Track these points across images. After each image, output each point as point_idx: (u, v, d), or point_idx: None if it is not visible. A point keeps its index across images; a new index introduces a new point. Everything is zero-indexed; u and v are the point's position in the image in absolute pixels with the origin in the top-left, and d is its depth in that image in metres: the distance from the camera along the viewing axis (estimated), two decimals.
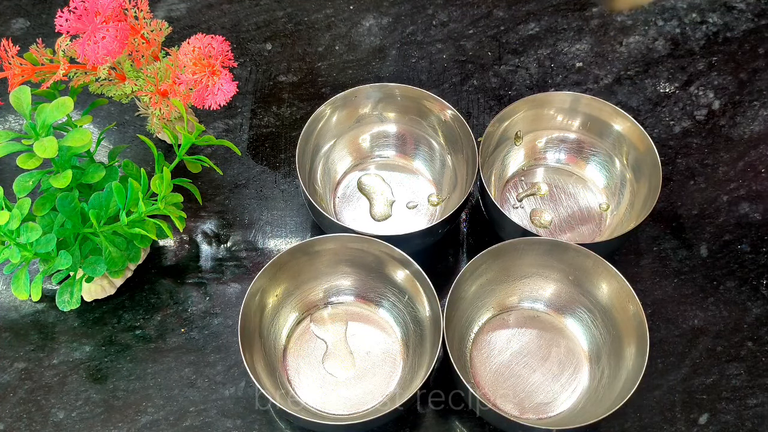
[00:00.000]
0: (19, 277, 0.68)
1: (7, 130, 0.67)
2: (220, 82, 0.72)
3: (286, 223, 0.84)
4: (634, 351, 0.69)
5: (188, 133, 0.75)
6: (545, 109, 0.84)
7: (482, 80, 0.94)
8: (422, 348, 0.72)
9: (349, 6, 1.00)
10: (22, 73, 0.73)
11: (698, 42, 0.97)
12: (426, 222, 0.83)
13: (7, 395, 0.73)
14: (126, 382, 0.74)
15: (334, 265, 0.76)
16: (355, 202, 0.84)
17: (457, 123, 0.80)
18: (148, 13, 0.76)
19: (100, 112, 0.90)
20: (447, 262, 0.82)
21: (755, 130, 0.90)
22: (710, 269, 0.81)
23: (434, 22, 0.98)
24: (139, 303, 0.78)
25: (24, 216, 0.66)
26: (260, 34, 0.97)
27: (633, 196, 0.81)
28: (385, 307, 0.76)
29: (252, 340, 0.70)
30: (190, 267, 0.81)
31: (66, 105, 0.67)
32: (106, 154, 0.80)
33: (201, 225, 0.83)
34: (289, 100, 0.92)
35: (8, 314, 0.78)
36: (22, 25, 0.97)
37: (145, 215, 0.69)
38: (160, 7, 0.99)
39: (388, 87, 0.83)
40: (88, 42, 0.71)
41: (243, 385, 0.74)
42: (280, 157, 0.88)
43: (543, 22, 0.98)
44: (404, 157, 0.87)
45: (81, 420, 0.72)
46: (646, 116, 0.91)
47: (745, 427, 0.73)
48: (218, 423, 0.72)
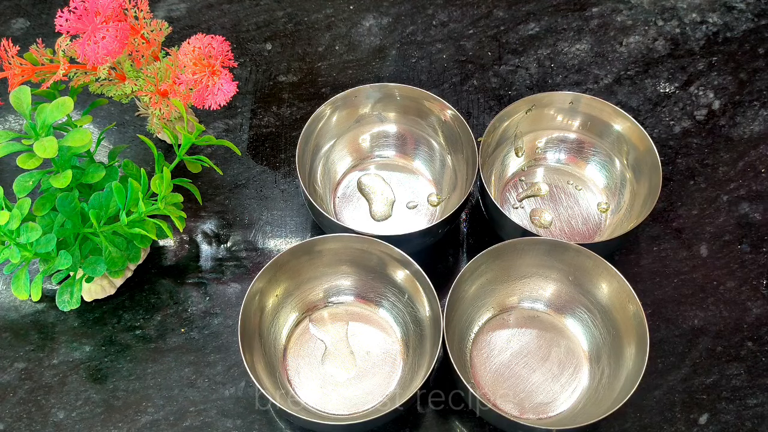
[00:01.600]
0: (19, 277, 0.68)
1: (7, 130, 0.67)
2: (220, 82, 0.72)
3: (286, 223, 0.84)
4: (634, 351, 0.69)
5: (188, 133, 0.75)
6: (545, 109, 0.84)
7: (482, 80, 0.94)
8: (422, 348, 0.72)
9: (349, 6, 1.00)
10: (22, 73, 0.73)
11: (698, 42, 0.97)
12: (426, 222, 0.83)
13: (7, 395, 0.73)
14: (126, 382, 0.74)
15: (334, 265, 0.76)
16: (355, 202, 0.84)
17: (457, 123, 0.80)
18: (148, 13, 0.76)
19: (100, 112, 0.90)
20: (447, 262, 0.82)
21: (755, 130, 0.90)
22: (710, 269, 0.81)
23: (434, 22, 0.98)
24: (139, 303, 0.78)
25: (24, 216, 0.66)
26: (260, 34, 0.97)
27: (633, 196, 0.81)
28: (385, 307, 0.76)
29: (252, 340, 0.70)
30: (190, 267, 0.81)
31: (66, 105, 0.67)
32: (106, 154, 0.80)
33: (201, 225, 0.83)
34: (289, 100, 0.92)
35: (8, 314, 0.78)
36: (22, 25, 0.97)
37: (145, 215, 0.69)
38: (160, 7, 0.99)
39: (388, 87, 0.83)
40: (88, 42, 0.71)
41: (243, 385, 0.74)
42: (280, 157, 0.88)
43: (543, 22, 0.98)
44: (404, 157, 0.87)
45: (81, 420, 0.72)
46: (646, 116, 0.91)
47: (745, 427, 0.73)
48: (218, 423, 0.72)
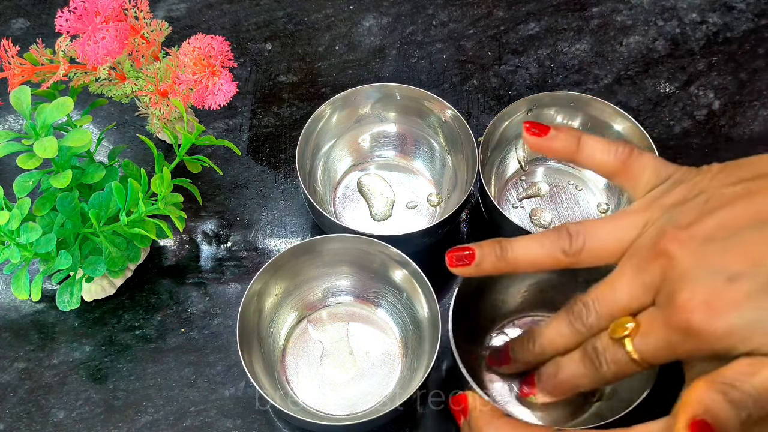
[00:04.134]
0: (19, 277, 0.68)
1: (7, 130, 0.68)
2: (220, 82, 0.72)
3: (286, 223, 0.84)
4: None
5: (188, 133, 0.75)
6: (545, 109, 0.84)
7: (482, 80, 0.94)
8: (421, 349, 0.72)
9: (349, 6, 1.00)
10: (22, 73, 0.73)
11: (698, 42, 0.97)
12: (426, 222, 0.83)
13: (7, 395, 0.73)
14: (126, 382, 0.74)
15: (334, 266, 0.76)
16: (355, 202, 0.84)
17: (457, 123, 0.80)
18: (148, 13, 0.76)
19: (100, 112, 0.90)
20: None
21: (755, 130, 0.90)
22: None
23: (434, 22, 0.98)
24: (139, 303, 0.78)
25: (24, 216, 0.66)
26: (260, 34, 0.97)
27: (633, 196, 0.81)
28: (384, 308, 0.76)
29: (251, 340, 0.70)
30: (190, 267, 0.81)
31: (66, 105, 0.67)
32: (106, 154, 0.80)
33: (201, 225, 0.83)
34: (289, 100, 0.92)
35: (8, 314, 0.78)
36: (22, 25, 0.97)
37: (145, 215, 0.69)
38: (160, 7, 0.99)
39: (388, 87, 0.83)
40: (88, 42, 0.71)
41: (243, 385, 0.74)
42: (280, 157, 0.88)
43: (543, 22, 0.98)
44: (404, 157, 0.87)
45: (81, 420, 0.72)
46: (646, 116, 0.91)
47: None
48: (218, 423, 0.72)
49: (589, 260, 0.59)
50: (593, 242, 0.58)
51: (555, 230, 0.59)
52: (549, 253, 0.59)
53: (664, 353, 0.53)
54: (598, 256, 0.58)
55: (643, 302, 0.55)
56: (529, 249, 0.60)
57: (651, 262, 0.54)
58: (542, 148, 0.65)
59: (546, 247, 0.59)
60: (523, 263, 0.60)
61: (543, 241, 0.60)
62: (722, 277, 0.50)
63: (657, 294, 0.53)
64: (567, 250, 0.58)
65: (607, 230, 0.58)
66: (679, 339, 0.52)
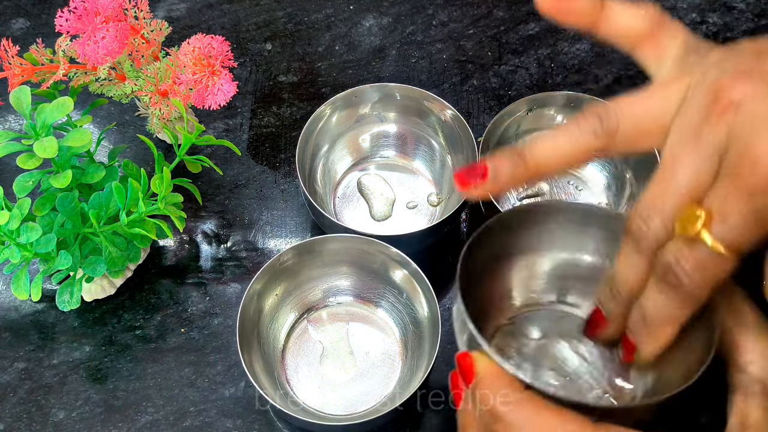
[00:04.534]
0: (19, 277, 0.68)
1: (7, 130, 0.68)
2: (220, 82, 0.72)
3: (286, 223, 0.84)
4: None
5: (188, 133, 0.75)
6: (545, 109, 0.84)
7: (482, 80, 0.94)
8: (421, 349, 0.72)
9: (349, 6, 1.00)
10: (22, 73, 0.73)
11: None
12: (426, 222, 0.83)
13: (7, 395, 0.73)
14: (126, 382, 0.74)
15: (334, 266, 0.76)
16: (355, 202, 0.84)
17: (457, 123, 0.80)
18: (148, 13, 0.76)
19: (100, 112, 0.90)
20: (447, 262, 0.82)
21: None
22: None
23: (434, 22, 0.98)
24: (139, 303, 0.78)
25: (24, 216, 0.66)
26: (260, 34, 0.97)
27: (633, 197, 0.81)
28: (384, 308, 0.76)
29: (251, 340, 0.70)
30: (190, 267, 0.81)
31: (66, 105, 0.67)
32: (106, 154, 0.80)
33: (201, 225, 0.83)
34: (289, 100, 0.92)
35: (8, 314, 0.78)
36: (22, 25, 0.97)
37: (145, 215, 0.69)
38: (160, 7, 0.99)
39: (388, 87, 0.83)
40: (88, 42, 0.71)
41: (243, 385, 0.74)
42: (280, 157, 0.88)
43: (543, 22, 0.98)
44: (404, 157, 0.87)
45: (81, 420, 0.72)
46: None
47: None
48: (218, 423, 0.72)
49: (625, 144, 0.50)
50: (628, 121, 0.50)
51: (579, 116, 0.51)
52: (576, 141, 0.50)
53: (753, 229, 0.46)
54: (637, 140, 0.50)
55: (709, 179, 0.46)
56: (552, 144, 0.51)
57: (710, 122, 0.46)
58: (560, 11, 0.56)
59: (573, 135, 0.50)
60: (546, 164, 0.51)
61: (567, 130, 0.51)
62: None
63: (723, 160, 0.45)
64: (598, 131, 0.50)
65: (642, 106, 0.50)
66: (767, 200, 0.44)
